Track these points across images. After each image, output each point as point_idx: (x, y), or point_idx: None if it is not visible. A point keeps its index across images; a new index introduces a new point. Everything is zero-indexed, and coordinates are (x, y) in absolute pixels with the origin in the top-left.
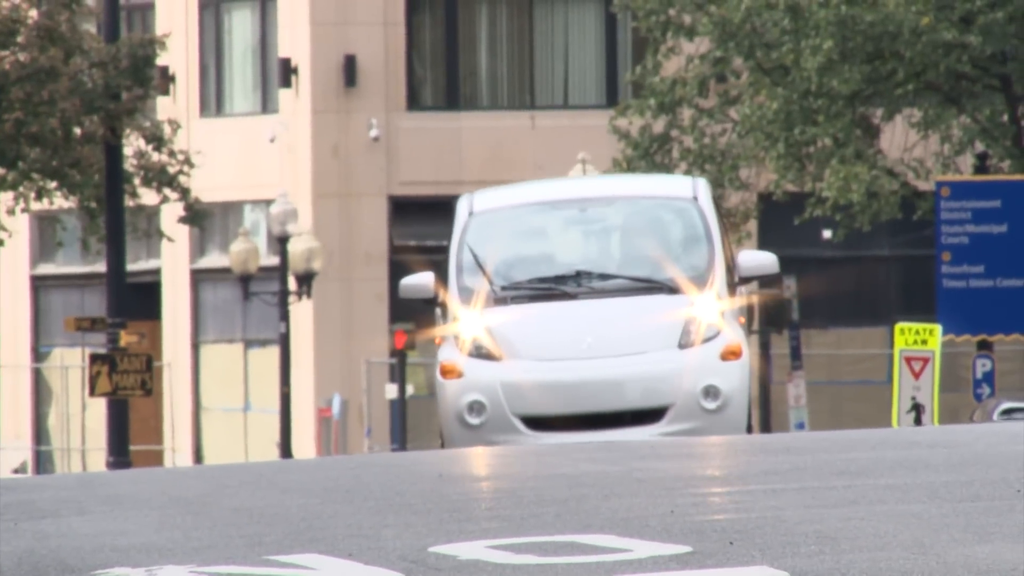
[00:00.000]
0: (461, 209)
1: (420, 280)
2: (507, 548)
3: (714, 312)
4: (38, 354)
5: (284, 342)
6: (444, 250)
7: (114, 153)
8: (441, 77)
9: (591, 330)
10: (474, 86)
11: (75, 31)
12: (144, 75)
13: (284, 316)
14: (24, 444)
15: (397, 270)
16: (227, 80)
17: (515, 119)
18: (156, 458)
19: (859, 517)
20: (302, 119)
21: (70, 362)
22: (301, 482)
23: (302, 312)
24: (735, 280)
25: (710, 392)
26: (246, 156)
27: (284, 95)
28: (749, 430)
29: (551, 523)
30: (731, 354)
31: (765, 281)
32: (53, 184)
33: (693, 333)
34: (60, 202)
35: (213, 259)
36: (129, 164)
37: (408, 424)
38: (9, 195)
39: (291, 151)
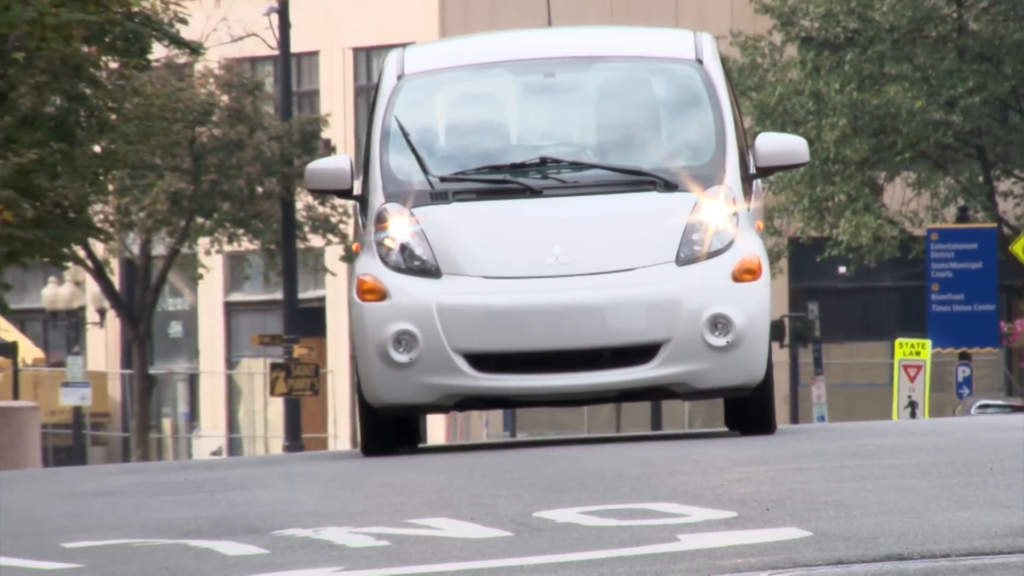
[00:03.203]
0: (388, 70)
1: (332, 165)
2: (593, 513)
3: (725, 215)
4: (230, 363)
5: None
6: None
7: (288, 207)
8: None
9: (560, 238)
10: None
11: (257, 112)
12: (312, 146)
13: None
14: (220, 433)
15: None
16: None
17: None
18: (322, 444)
19: (867, 490)
20: None
21: (255, 370)
22: (434, 463)
23: None
24: (750, 172)
25: (718, 324)
26: None
27: None
28: (768, 375)
29: (627, 494)
30: (746, 272)
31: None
32: (241, 231)
33: (697, 243)
34: (246, 244)
35: None
36: (300, 215)
37: (518, 414)
38: (207, 240)
39: None
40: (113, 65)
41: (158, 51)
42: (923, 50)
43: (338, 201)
